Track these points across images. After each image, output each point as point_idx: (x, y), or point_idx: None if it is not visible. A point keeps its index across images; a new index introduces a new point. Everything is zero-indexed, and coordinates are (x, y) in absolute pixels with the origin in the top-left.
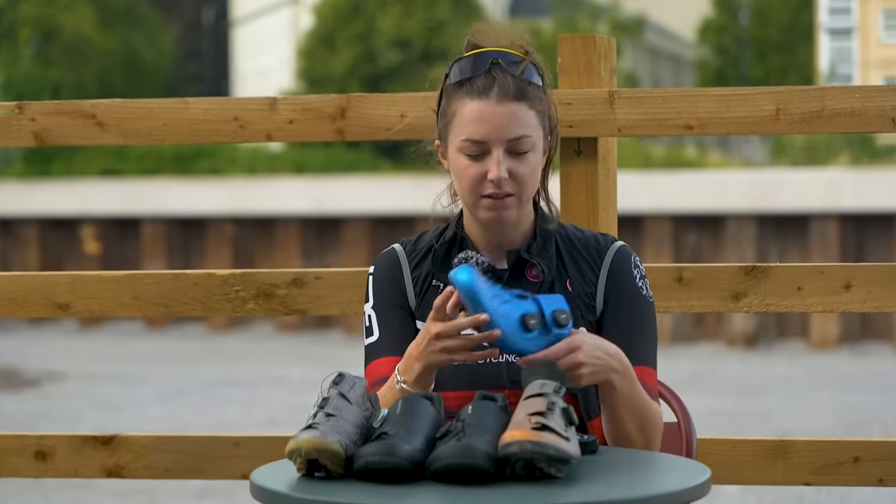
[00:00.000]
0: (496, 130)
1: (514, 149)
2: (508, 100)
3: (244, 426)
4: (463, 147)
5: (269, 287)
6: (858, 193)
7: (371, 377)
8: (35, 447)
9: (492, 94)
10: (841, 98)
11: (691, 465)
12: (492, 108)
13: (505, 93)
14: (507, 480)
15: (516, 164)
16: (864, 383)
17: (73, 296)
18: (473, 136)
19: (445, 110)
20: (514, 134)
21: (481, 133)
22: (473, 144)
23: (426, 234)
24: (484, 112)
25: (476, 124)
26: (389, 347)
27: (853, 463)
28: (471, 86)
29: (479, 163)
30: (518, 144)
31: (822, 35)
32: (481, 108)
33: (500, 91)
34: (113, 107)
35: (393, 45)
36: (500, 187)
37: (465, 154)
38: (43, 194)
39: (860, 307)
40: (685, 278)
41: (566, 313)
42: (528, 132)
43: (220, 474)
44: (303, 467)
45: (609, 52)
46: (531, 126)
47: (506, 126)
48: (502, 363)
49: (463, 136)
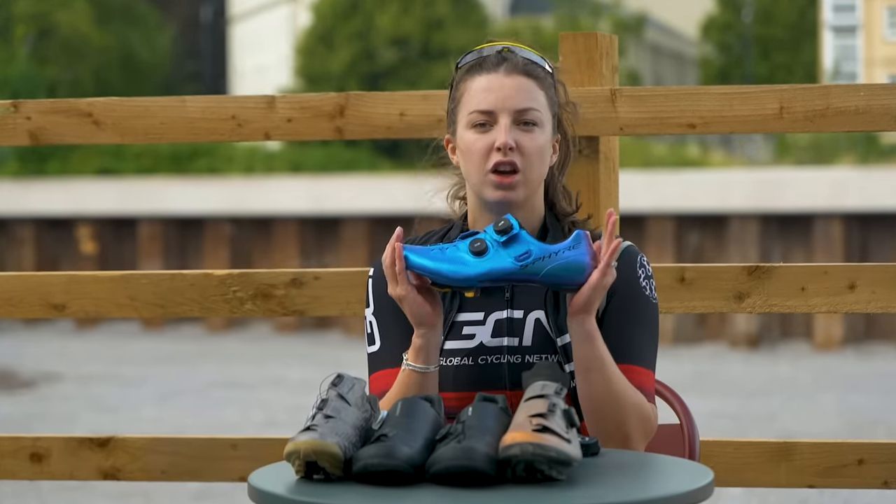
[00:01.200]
0: (503, 100)
1: (521, 119)
2: (517, 73)
3: (242, 428)
4: (470, 119)
5: (266, 287)
6: (863, 193)
7: (372, 390)
8: (30, 449)
9: (500, 68)
10: (845, 96)
11: (694, 468)
12: (500, 80)
13: (514, 67)
14: (507, 483)
15: (523, 137)
16: (869, 384)
17: (68, 296)
18: (480, 105)
19: (454, 95)
20: (522, 104)
21: (488, 102)
22: (480, 115)
23: (430, 234)
24: (492, 83)
25: (483, 94)
26: (390, 360)
27: (857, 465)
28: (480, 65)
29: (486, 134)
30: (525, 115)
31: (826, 33)
32: (489, 80)
33: (509, 66)
34: (109, 105)
35: (391, 42)
36: (506, 155)
37: (473, 128)
38: (38, 194)
39: (865, 308)
40: (688, 278)
41: (504, 219)
42: (535, 106)
43: (217, 476)
44: (301, 469)
45: (611, 49)
46: (539, 103)
47: (513, 96)
48: (504, 364)
49: (471, 108)
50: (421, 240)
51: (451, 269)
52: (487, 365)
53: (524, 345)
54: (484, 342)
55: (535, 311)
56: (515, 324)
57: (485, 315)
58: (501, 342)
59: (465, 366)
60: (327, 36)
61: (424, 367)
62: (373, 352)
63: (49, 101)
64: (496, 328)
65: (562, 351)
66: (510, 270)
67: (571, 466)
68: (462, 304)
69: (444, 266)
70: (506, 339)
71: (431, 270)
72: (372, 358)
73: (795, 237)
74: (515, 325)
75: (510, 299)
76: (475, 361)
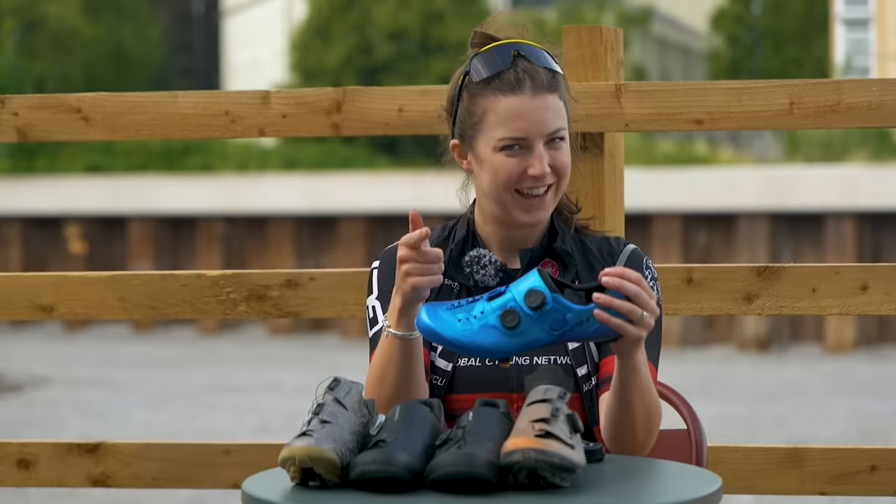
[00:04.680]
0: (535, 125)
1: (552, 140)
2: (543, 92)
3: (235, 433)
4: (500, 146)
5: (261, 288)
6: (876, 191)
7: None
8: (17, 455)
9: (525, 87)
10: (858, 91)
11: (702, 474)
12: (528, 103)
13: (539, 86)
14: (509, 490)
15: (556, 155)
16: (882, 389)
17: (57, 297)
18: (513, 133)
19: (471, 109)
20: (553, 127)
21: (521, 129)
22: (513, 142)
23: (432, 232)
24: (520, 108)
25: (514, 121)
26: None
27: (870, 472)
28: (500, 81)
29: (517, 158)
30: (556, 135)
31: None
32: (517, 104)
33: (532, 84)
34: (99, 100)
35: (389, 36)
36: (542, 182)
37: (502, 150)
38: (26, 192)
39: (877, 309)
40: (695, 279)
41: (534, 292)
42: (563, 124)
43: (210, 483)
44: (297, 476)
45: (616, 43)
46: (563, 117)
47: (544, 120)
48: (512, 366)
49: (501, 134)
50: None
51: (488, 342)
52: (495, 366)
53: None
54: None
55: None
56: None
57: None
58: None
59: (472, 367)
60: (323, 29)
61: (409, 334)
62: (376, 330)
63: (37, 96)
64: None
65: (572, 353)
66: (546, 340)
67: (575, 473)
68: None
69: (480, 338)
70: None
71: (466, 346)
72: (375, 336)
73: (806, 236)
74: None
75: None
76: (482, 362)
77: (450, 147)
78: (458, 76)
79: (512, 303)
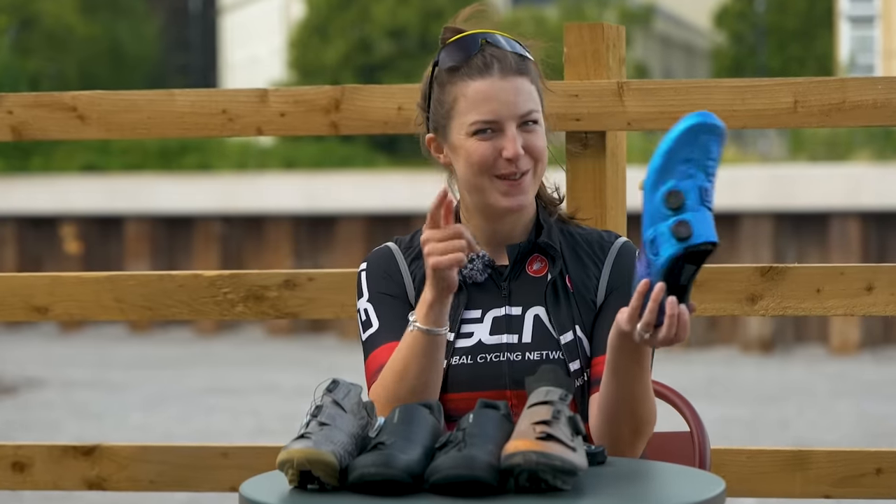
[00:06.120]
0: (506, 107)
1: (525, 123)
2: (512, 74)
3: (233, 436)
4: (472, 130)
5: (258, 289)
6: (881, 190)
7: (373, 367)
8: (12, 458)
9: (493, 70)
10: (862, 89)
11: (705, 477)
12: (497, 85)
13: (507, 68)
14: (510, 493)
15: (530, 138)
16: (887, 391)
17: (52, 298)
18: (484, 116)
19: (442, 99)
20: (524, 108)
21: (491, 111)
22: (485, 125)
23: (420, 232)
24: (490, 90)
25: (484, 104)
26: (390, 334)
27: (875, 475)
28: (468, 66)
29: (490, 141)
30: (528, 118)
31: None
32: (486, 87)
33: (501, 67)
34: (95, 99)
35: (388, 34)
36: (517, 165)
37: (474, 135)
38: (21, 191)
39: (883, 310)
40: (698, 279)
41: (676, 192)
42: (535, 107)
43: (207, 486)
44: (295, 479)
45: (618, 41)
46: (535, 100)
47: (514, 102)
48: (504, 362)
49: (472, 118)
50: (408, 241)
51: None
52: (487, 363)
53: (524, 341)
54: (483, 340)
55: (534, 307)
56: (514, 320)
57: (482, 312)
58: (500, 339)
59: (465, 365)
60: (322, 27)
61: (437, 329)
62: (370, 333)
63: (32, 94)
64: (494, 325)
65: (564, 348)
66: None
67: (577, 476)
68: (468, 300)
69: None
70: (505, 337)
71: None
72: (369, 339)
73: (810, 236)
74: (514, 322)
75: (508, 296)
76: (474, 360)
77: (426, 142)
78: (429, 70)
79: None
